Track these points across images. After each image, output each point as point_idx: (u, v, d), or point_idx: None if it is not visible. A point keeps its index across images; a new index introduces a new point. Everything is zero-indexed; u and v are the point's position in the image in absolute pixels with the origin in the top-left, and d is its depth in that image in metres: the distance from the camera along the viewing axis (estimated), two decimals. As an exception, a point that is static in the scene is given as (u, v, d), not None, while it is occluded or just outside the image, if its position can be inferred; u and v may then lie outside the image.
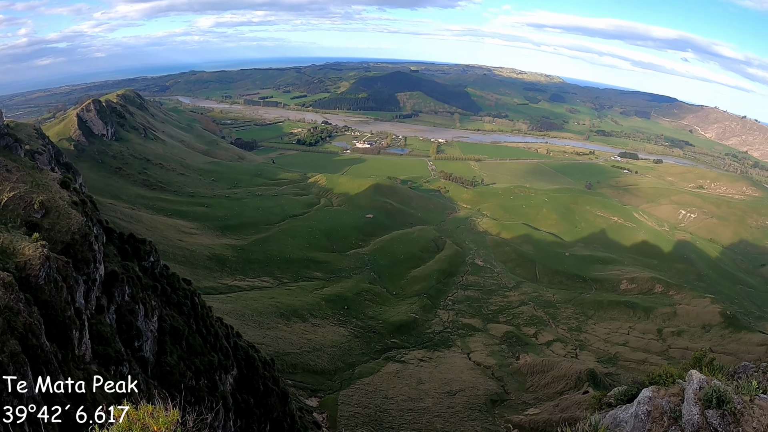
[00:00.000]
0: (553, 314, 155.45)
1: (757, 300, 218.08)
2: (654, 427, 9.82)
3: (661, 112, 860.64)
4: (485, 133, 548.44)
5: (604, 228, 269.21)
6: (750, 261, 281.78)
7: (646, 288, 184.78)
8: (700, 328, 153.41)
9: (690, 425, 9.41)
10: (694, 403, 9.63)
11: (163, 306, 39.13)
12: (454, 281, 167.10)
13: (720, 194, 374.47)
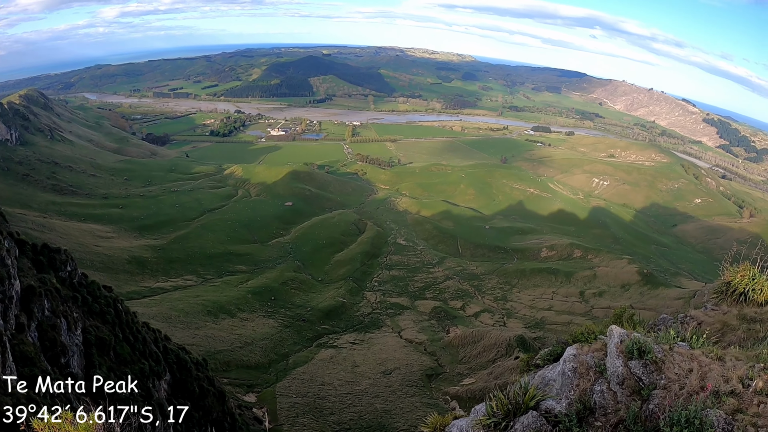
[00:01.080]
0: (479, 286, 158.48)
1: (671, 258, 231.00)
2: (581, 382, 10.07)
3: (572, 87, 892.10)
4: (400, 113, 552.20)
5: (521, 200, 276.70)
6: (662, 222, 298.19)
7: (566, 254, 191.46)
8: (619, 288, 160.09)
9: (615, 377, 9.75)
10: (617, 355, 9.94)
11: (86, 317, 37.37)
12: (378, 262, 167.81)
13: (631, 162, 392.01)
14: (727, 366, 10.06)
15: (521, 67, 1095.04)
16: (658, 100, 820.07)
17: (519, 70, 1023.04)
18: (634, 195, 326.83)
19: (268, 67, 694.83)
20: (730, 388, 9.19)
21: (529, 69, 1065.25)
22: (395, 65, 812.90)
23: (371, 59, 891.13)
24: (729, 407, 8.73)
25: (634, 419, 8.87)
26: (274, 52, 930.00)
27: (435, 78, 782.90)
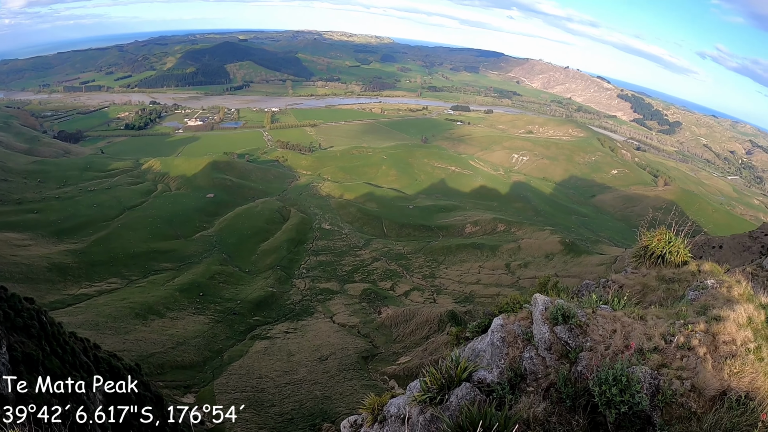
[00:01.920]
0: (406, 265, 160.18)
1: (592, 226, 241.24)
2: (510, 350, 10.31)
3: (490, 66, 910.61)
4: (319, 97, 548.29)
5: (443, 178, 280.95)
6: (581, 193, 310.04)
7: (490, 228, 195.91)
8: (544, 258, 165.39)
9: (542, 343, 9.97)
10: (543, 322, 10.24)
11: (10, 333, 35.97)
12: (304, 249, 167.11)
13: (549, 137, 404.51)
14: (648, 324, 10.59)
15: (439, 48, 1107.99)
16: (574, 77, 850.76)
17: (437, 51, 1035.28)
18: (553, 169, 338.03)
19: (183, 54, 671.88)
20: (653, 345, 9.78)
21: (447, 50, 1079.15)
22: (313, 49, 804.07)
23: (289, 44, 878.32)
24: (654, 363, 9.30)
25: (564, 382, 9.22)
26: (189, 39, 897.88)
27: (353, 61, 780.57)
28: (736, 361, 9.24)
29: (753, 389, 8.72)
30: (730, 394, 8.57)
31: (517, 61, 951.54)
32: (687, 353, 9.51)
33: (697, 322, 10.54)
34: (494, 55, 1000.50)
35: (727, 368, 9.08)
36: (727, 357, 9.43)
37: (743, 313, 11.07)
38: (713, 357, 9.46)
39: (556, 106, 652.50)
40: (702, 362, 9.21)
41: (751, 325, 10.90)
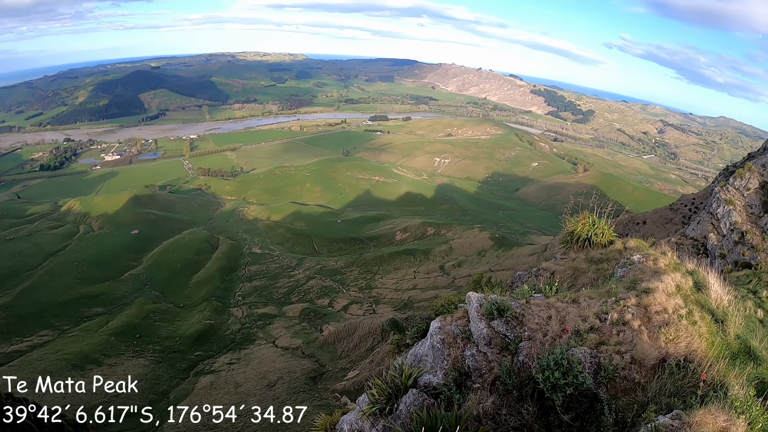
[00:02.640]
0: (342, 280, 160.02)
1: (519, 219, 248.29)
2: (451, 351, 10.45)
3: (404, 74, 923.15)
4: (237, 120, 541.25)
5: (368, 189, 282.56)
6: (505, 189, 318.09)
7: (420, 233, 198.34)
8: (476, 255, 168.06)
9: (482, 339, 10.23)
10: (479, 319, 10.42)
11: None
12: (237, 276, 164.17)
13: (468, 138, 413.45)
14: (582, 306, 11.00)
15: (354, 61, 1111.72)
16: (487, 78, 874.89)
17: (352, 64, 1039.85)
18: (475, 168, 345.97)
19: (95, 87, 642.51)
20: (588, 325, 10.19)
21: (361, 61, 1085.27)
22: (227, 71, 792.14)
23: (202, 68, 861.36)
24: (592, 342, 9.67)
25: (508, 374, 9.49)
26: (100, 70, 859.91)
27: (269, 80, 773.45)
28: (670, 328, 9.84)
29: (690, 352, 9.36)
30: (670, 360, 9.10)
31: (430, 67, 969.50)
32: (622, 328, 10.02)
33: (628, 297, 11.13)
34: (408, 63, 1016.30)
35: (662, 336, 9.64)
36: (661, 326, 10.01)
37: (671, 282, 12.00)
38: (648, 328, 10.01)
39: (473, 107, 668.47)
40: (638, 334, 9.72)
41: (680, 293, 11.86)
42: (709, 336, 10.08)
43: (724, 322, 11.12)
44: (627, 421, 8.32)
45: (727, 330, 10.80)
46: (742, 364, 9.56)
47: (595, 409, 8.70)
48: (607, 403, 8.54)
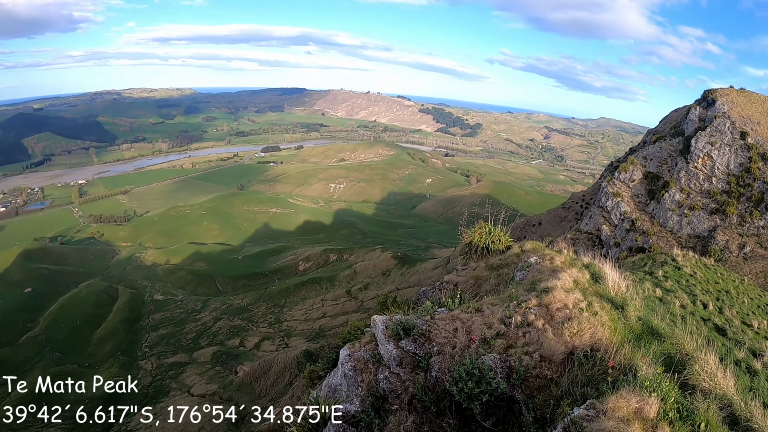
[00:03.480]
0: (250, 317, 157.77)
1: (419, 235, 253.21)
2: (364, 376, 10.40)
3: (293, 103, 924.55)
4: (126, 161, 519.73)
5: (266, 221, 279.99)
6: (402, 207, 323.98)
7: (323, 261, 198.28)
8: (381, 276, 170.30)
9: (392, 360, 10.22)
10: (387, 341, 10.42)
11: None
12: (142, 326, 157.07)
13: (361, 161, 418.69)
14: (486, 314, 11.14)
15: (243, 92, 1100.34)
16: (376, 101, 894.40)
17: (241, 96, 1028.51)
18: (371, 190, 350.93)
19: None
20: (494, 331, 10.28)
21: (250, 93, 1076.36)
22: (114, 110, 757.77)
23: (88, 107, 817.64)
24: (500, 347, 9.78)
25: (423, 390, 9.51)
26: None
27: (157, 117, 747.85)
28: (573, 322, 10.05)
29: (596, 342, 9.60)
30: (577, 352, 9.29)
31: (319, 94, 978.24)
32: (528, 329, 10.18)
33: (528, 299, 11.41)
34: (297, 92, 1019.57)
35: (567, 331, 9.81)
36: (564, 321, 10.20)
37: (568, 278, 12.44)
38: (552, 325, 10.19)
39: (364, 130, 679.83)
40: (543, 333, 9.90)
41: (578, 287, 12.28)
42: (612, 323, 10.48)
43: (624, 307, 11.67)
44: (546, 417, 8.56)
45: (628, 315, 11.31)
46: (647, 344, 9.92)
47: (513, 411, 8.93)
48: (524, 403, 8.80)
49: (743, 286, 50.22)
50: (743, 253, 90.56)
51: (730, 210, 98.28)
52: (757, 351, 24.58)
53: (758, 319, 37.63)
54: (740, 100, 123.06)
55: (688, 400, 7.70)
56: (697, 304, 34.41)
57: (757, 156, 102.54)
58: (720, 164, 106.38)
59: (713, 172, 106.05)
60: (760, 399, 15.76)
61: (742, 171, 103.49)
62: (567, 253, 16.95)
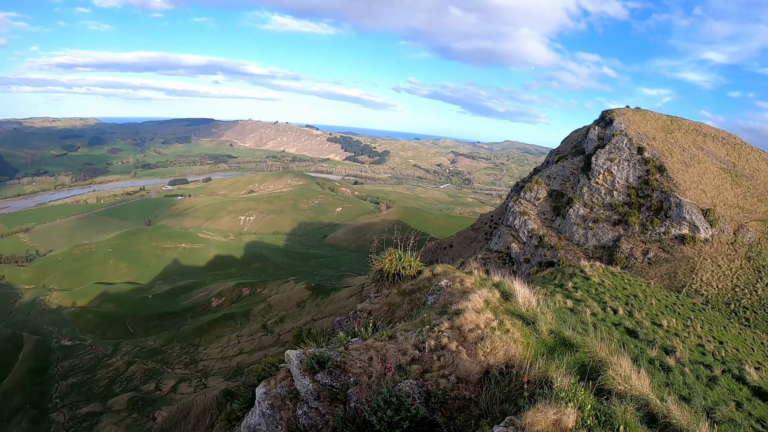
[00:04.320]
0: (164, 359, 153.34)
1: (332, 264, 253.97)
2: (283, 414, 10.11)
3: (201, 134, 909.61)
4: (27, 196, 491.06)
5: (175, 257, 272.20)
6: (313, 237, 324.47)
7: (236, 296, 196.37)
8: (296, 308, 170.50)
9: (310, 395, 9.99)
10: (303, 375, 10.20)
11: None
12: (50, 375, 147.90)
13: (271, 192, 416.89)
14: (399, 341, 11.10)
15: (149, 123, 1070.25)
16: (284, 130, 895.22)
17: (147, 126, 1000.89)
18: (281, 221, 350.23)
19: None
20: (409, 357, 10.26)
21: (157, 123, 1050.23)
22: (14, 141, 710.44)
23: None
24: (416, 373, 9.76)
25: (343, 423, 9.38)
26: None
27: (60, 149, 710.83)
28: (485, 342, 10.06)
29: (509, 358, 9.69)
30: (492, 370, 9.35)
31: (227, 125, 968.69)
32: (442, 353, 10.13)
33: (441, 322, 11.33)
34: (205, 122, 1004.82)
35: (480, 351, 9.82)
36: (477, 341, 10.21)
37: (479, 299, 12.44)
38: (465, 346, 10.17)
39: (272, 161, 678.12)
40: (457, 355, 9.87)
41: (489, 306, 12.32)
42: (524, 339, 10.59)
43: (536, 322, 11.78)
44: None
45: (539, 329, 11.43)
46: (560, 356, 9.97)
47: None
48: (445, 426, 8.79)
49: (650, 289, 55.14)
50: (647, 259, 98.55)
51: (632, 220, 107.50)
52: (668, 348, 26.68)
53: (667, 318, 41.29)
54: (636, 119, 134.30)
55: (605, 405, 7.82)
56: (607, 310, 36.49)
57: (654, 168, 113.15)
58: (620, 178, 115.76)
59: (614, 186, 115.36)
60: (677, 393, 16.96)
61: (640, 183, 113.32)
62: (477, 273, 17.36)
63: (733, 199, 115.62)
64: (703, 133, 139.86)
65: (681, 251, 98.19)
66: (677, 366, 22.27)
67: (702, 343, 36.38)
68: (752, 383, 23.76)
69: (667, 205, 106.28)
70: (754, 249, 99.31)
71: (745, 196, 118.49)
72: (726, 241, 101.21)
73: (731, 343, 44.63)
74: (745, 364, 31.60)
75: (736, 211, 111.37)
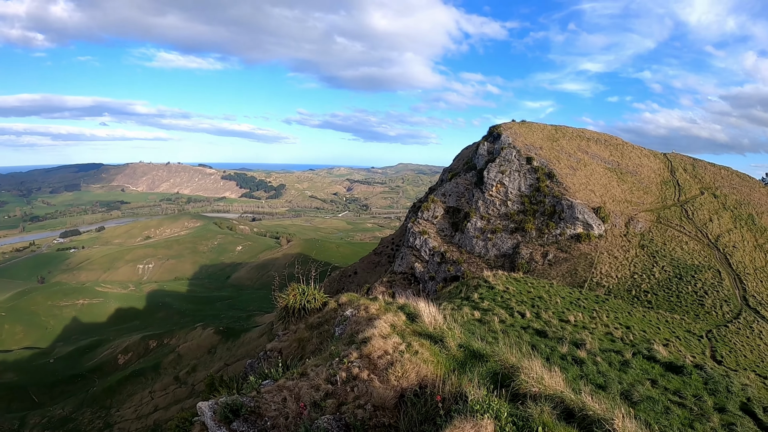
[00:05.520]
0: (76, 427, 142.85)
1: (239, 305, 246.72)
2: None
3: (91, 180, 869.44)
4: None
5: (74, 315, 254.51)
6: (216, 279, 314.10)
7: (143, 349, 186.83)
8: (207, 354, 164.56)
9: None
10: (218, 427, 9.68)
11: None
12: None
13: (168, 236, 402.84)
14: (311, 377, 10.93)
15: (35, 171, 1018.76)
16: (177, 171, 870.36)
17: (33, 175, 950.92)
18: (181, 266, 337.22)
19: None
20: (323, 392, 10.07)
21: (43, 171, 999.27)
22: None
23: None
24: (331, 407, 9.59)
25: None
26: None
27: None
28: (396, 366, 10.06)
29: (422, 379, 9.71)
30: (407, 394, 9.33)
31: (118, 169, 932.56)
32: (355, 383, 10.02)
33: (349, 353, 11.22)
34: (94, 167, 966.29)
35: (392, 376, 9.83)
36: (388, 367, 10.20)
37: (384, 324, 12.45)
38: (377, 374, 10.15)
39: (167, 203, 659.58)
40: (370, 383, 9.82)
41: (395, 330, 12.33)
42: (434, 358, 10.67)
43: (443, 339, 11.90)
44: None
45: (448, 345, 11.59)
46: (472, 368, 10.12)
47: (360, 466, 8.65)
48: None
49: (553, 288, 56.77)
50: (548, 261, 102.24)
51: (528, 226, 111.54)
52: (578, 342, 27.10)
53: (573, 313, 42.44)
54: (522, 131, 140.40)
55: (521, 409, 7.96)
56: (515, 315, 37.07)
57: (544, 176, 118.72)
58: (512, 188, 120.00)
59: (507, 197, 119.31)
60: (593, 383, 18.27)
61: (532, 191, 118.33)
62: (382, 298, 17.38)
63: (621, 194, 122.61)
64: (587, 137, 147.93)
65: (578, 249, 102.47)
66: (589, 357, 22.70)
67: (610, 331, 38.10)
68: (663, 360, 25.03)
69: (559, 208, 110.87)
70: (646, 237, 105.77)
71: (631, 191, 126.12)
72: (619, 234, 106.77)
73: (638, 326, 47.01)
74: (654, 343, 33.75)
75: (625, 206, 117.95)
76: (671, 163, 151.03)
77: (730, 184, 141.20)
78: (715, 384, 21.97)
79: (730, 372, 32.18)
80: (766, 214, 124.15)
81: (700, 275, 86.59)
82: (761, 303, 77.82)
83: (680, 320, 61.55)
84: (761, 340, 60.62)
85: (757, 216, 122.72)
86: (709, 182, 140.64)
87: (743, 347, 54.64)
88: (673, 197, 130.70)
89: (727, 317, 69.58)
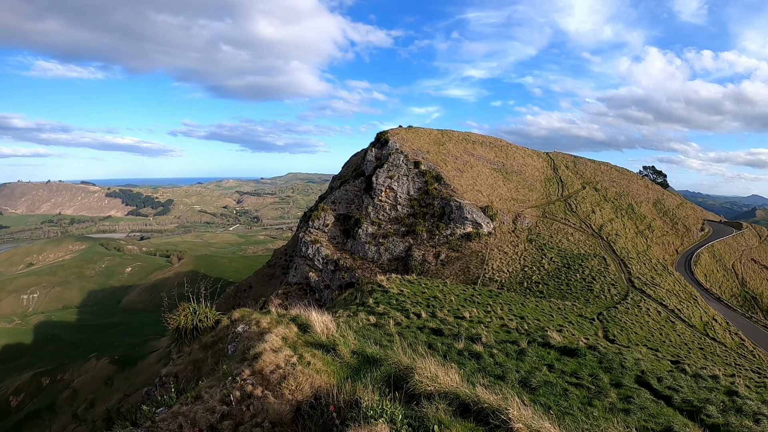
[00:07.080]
0: None
1: (133, 330, 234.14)
2: None
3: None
4: None
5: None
6: (107, 304, 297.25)
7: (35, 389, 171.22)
8: (104, 386, 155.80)
9: None
10: None
11: None
12: None
13: (52, 262, 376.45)
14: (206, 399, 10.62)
15: None
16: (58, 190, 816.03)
17: None
18: (69, 293, 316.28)
19: None
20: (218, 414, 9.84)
21: None
22: None
23: None
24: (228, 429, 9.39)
25: None
26: None
27: None
28: (289, 380, 10.01)
29: (316, 390, 9.65)
30: (303, 406, 9.27)
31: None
32: (250, 401, 9.88)
33: (242, 370, 11.07)
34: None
35: (286, 390, 9.72)
36: (281, 381, 10.11)
37: (275, 338, 12.38)
38: (270, 389, 10.04)
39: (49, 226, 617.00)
40: (265, 400, 9.69)
41: (287, 343, 12.27)
42: (326, 367, 10.69)
43: (336, 347, 11.88)
44: None
45: (341, 353, 11.58)
46: (366, 374, 10.07)
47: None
48: None
49: (447, 287, 57.55)
50: (440, 261, 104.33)
51: (419, 229, 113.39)
52: (474, 336, 27.23)
53: (468, 310, 42.62)
54: (409, 136, 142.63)
55: (417, 410, 7.95)
56: (411, 317, 36.77)
57: (432, 179, 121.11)
58: (401, 193, 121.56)
59: (397, 201, 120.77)
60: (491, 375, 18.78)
61: (421, 194, 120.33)
62: (275, 311, 17.03)
63: (508, 193, 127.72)
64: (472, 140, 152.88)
65: (469, 247, 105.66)
66: (486, 350, 23.06)
67: (505, 323, 38.80)
68: (557, 345, 25.74)
69: (449, 209, 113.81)
70: (533, 231, 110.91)
71: (517, 189, 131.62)
72: (508, 230, 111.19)
73: (531, 315, 48.42)
74: (548, 330, 34.59)
75: (512, 203, 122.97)
76: (554, 162, 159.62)
77: (610, 178, 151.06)
78: (609, 362, 23.02)
79: (623, 349, 33.75)
80: (644, 204, 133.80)
81: (586, 263, 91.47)
82: (646, 283, 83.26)
83: (572, 306, 64.15)
84: (649, 317, 64.54)
85: (636, 205, 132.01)
86: (590, 177, 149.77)
87: (633, 325, 57.57)
88: (557, 193, 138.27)
89: (616, 299, 73.13)
